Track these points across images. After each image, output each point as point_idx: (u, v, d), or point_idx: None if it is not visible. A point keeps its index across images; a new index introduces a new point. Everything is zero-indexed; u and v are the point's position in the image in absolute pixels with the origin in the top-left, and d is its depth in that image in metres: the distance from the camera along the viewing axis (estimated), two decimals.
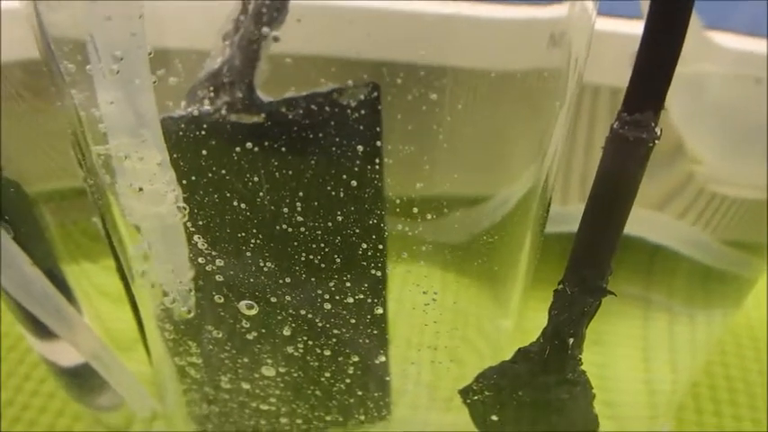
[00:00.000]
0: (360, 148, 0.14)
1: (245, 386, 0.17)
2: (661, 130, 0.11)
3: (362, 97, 0.13)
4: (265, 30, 0.13)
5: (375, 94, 0.14)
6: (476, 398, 0.16)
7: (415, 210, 0.15)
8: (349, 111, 0.14)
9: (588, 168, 0.20)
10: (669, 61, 0.11)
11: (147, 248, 0.16)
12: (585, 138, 0.20)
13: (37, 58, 0.15)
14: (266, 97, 0.14)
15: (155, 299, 0.17)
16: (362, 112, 0.14)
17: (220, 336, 0.16)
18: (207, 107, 0.14)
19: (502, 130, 0.15)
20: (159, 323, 0.18)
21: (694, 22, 0.12)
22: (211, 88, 0.14)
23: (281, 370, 0.16)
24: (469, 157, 0.15)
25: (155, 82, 0.14)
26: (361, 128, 0.14)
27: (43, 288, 0.20)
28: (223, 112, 0.14)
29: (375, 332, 0.16)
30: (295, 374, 0.16)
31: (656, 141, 0.11)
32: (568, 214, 0.18)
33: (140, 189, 0.14)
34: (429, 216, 0.15)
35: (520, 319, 0.18)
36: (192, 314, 0.16)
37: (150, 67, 0.13)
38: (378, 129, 0.14)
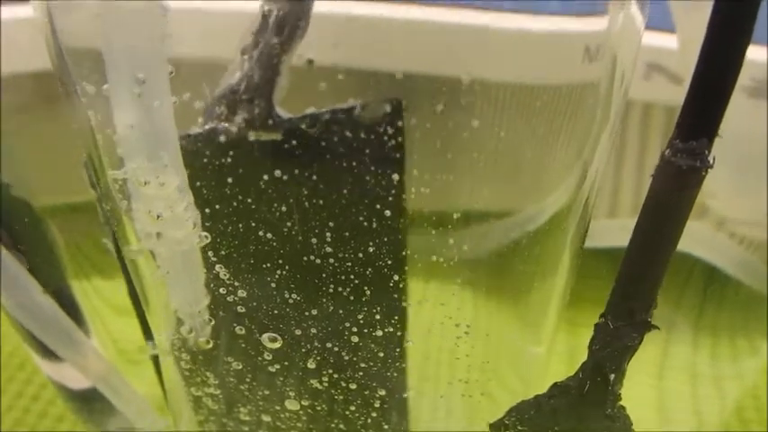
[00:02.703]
0: (382, 165, 0.13)
1: (266, 419, 0.16)
2: (714, 158, 0.11)
3: (385, 113, 0.13)
4: (286, 44, 0.13)
5: (398, 109, 0.13)
6: None
7: (443, 229, 0.14)
8: (371, 127, 0.13)
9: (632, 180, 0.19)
10: (727, 85, 0.10)
11: (164, 275, 0.16)
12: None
13: (46, 68, 0.14)
14: (286, 114, 0.13)
15: (170, 326, 0.17)
16: (385, 128, 0.13)
17: (240, 368, 0.16)
18: (225, 124, 0.13)
19: (534, 146, 0.14)
20: (175, 352, 0.17)
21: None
22: (229, 104, 0.13)
23: (305, 403, 0.16)
24: (500, 172, 0.14)
25: (175, 102, 0.13)
26: (384, 145, 0.13)
27: (50, 312, 0.19)
28: (241, 129, 0.13)
29: (402, 365, 0.15)
30: (318, 408, 0.16)
31: (710, 170, 0.11)
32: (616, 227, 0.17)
33: (158, 216, 0.14)
34: (458, 237, 0.14)
35: (553, 343, 0.18)
36: (210, 345, 0.16)
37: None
38: (401, 146, 0.13)
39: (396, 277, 0.14)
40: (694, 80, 0.10)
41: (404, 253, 0.14)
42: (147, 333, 0.19)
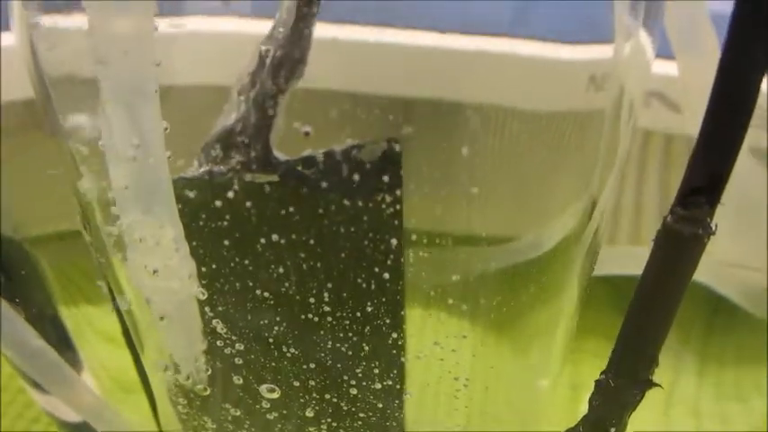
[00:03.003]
0: (381, 206, 0.13)
1: None
2: (716, 225, 0.11)
3: (382, 154, 0.13)
4: (284, 85, 0.13)
5: (395, 149, 0.13)
6: None
7: (443, 258, 0.14)
8: (369, 168, 0.13)
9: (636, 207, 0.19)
10: (731, 151, 0.10)
11: (158, 320, 0.16)
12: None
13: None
14: (283, 156, 0.13)
15: (165, 370, 0.17)
16: (383, 168, 0.13)
17: (237, 414, 0.16)
18: (221, 167, 0.13)
19: (539, 172, 0.14)
20: (172, 397, 0.17)
21: None
22: (225, 146, 0.13)
23: None
24: (503, 198, 0.14)
25: (169, 157, 0.13)
26: (382, 185, 0.13)
27: (36, 346, 0.19)
28: (238, 171, 0.13)
29: (401, 415, 0.15)
30: None
31: (712, 236, 0.11)
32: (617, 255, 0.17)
33: (155, 271, 0.14)
34: (458, 266, 0.14)
35: (560, 377, 0.18)
36: (207, 392, 0.16)
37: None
38: (399, 186, 0.13)
39: (394, 334, 0.13)
40: (696, 150, 0.10)
41: (402, 312, 0.13)
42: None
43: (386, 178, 0.13)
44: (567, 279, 0.16)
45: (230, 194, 0.13)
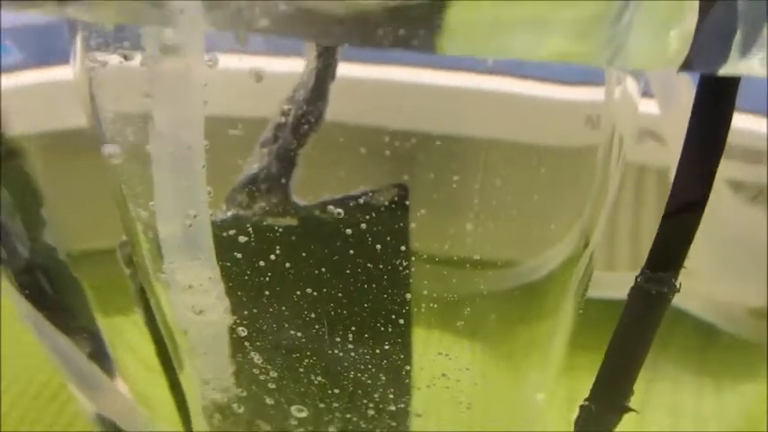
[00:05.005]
0: (390, 244, 0.15)
1: None
2: (680, 284, 0.13)
3: (392, 199, 0.14)
4: (303, 140, 0.15)
5: (403, 194, 0.15)
6: None
7: (452, 285, 0.16)
8: (380, 211, 0.15)
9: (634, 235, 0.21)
10: (690, 231, 0.12)
11: (194, 347, 0.18)
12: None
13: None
14: (301, 201, 0.15)
15: (201, 391, 0.19)
16: (393, 212, 0.15)
17: (268, 430, 0.18)
18: (245, 211, 0.15)
19: (538, 203, 0.15)
20: (206, 414, 0.19)
21: None
22: (250, 193, 0.15)
23: None
24: (502, 226, 0.15)
25: (211, 215, 0.15)
26: (392, 226, 0.15)
27: (73, 356, 0.21)
28: (261, 216, 0.15)
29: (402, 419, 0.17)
30: None
31: (677, 293, 0.13)
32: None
33: (200, 312, 0.16)
34: (466, 292, 0.16)
35: (554, 391, 0.20)
36: (241, 410, 0.18)
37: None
38: (407, 227, 0.15)
39: (407, 367, 0.16)
40: (662, 225, 0.12)
41: (411, 352, 0.15)
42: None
43: (395, 219, 0.15)
44: (563, 300, 0.17)
45: (254, 236, 0.15)
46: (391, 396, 0.16)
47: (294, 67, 0.14)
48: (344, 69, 0.14)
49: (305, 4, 0.09)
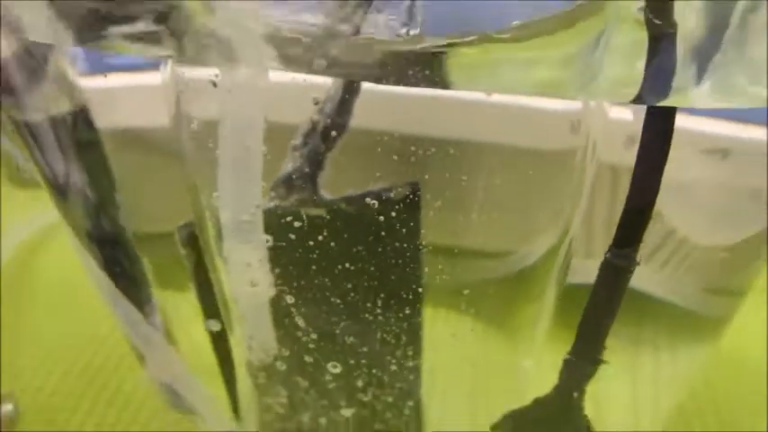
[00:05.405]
0: (403, 232, 0.18)
1: (323, 421, 0.22)
2: (641, 259, 0.16)
3: (406, 194, 0.17)
4: (330, 145, 0.18)
5: (416, 190, 0.17)
6: None
7: (454, 272, 0.18)
8: (395, 205, 0.17)
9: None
10: (644, 216, 0.16)
11: (243, 314, 0.21)
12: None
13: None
14: (328, 195, 0.18)
15: (247, 351, 0.22)
16: (406, 206, 0.17)
17: (306, 384, 0.21)
18: (283, 202, 0.18)
19: (528, 198, 0.18)
20: (251, 372, 0.22)
21: None
22: (286, 188, 0.18)
23: (353, 411, 0.21)
24: (498, 220, 0.17)
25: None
26: (405, 218, 0.17)
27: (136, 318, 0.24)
28: (295, 207, 0.18)
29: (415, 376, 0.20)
30: (362, 415, 0.21)
31: (637, 266, 0.16)
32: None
33: (255, 285, 0.19)
34: (467, 278, 0.18)
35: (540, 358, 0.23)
36: (283, 367, 0.21)
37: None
38: (418, 219, 0.17)
39: (420, 332, 0.19)
40: (624, 212, 0.16)
41: (420, 307, 0.19)
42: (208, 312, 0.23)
43: (408, 212, 0.17)
44: (548, 284, 0.19)
45: (292, 223, 0.18)
46: (409, 353, 0.20)
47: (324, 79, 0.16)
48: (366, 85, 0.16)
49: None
